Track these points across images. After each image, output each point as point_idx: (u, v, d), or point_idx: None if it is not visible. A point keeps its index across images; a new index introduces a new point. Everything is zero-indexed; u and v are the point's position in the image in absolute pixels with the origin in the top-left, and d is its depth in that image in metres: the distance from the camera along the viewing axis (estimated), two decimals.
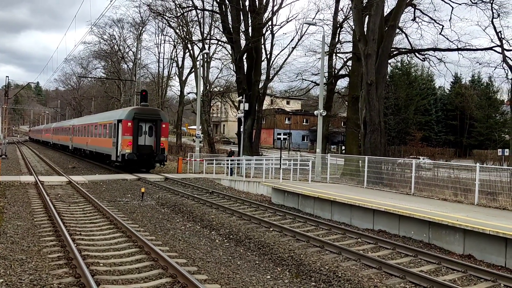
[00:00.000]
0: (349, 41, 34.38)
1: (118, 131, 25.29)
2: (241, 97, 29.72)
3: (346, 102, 36.32)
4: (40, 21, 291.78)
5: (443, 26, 27.21)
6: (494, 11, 24.01)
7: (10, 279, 7.13)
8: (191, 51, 48.31)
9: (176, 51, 55.66)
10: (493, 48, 24.90)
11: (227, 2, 30.94)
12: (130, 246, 9.67)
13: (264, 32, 33.39)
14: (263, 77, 35.30)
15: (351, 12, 27.67)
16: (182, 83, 53.67)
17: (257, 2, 30.85)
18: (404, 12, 25.12)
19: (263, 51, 34.90)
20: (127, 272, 7.92)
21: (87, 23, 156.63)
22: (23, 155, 40.95)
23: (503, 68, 24.27)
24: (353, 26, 25.73)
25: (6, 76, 43.15)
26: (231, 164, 25.38)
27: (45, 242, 9.69)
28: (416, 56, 30.63)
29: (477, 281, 8.13)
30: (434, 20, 27.40)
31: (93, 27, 67.46)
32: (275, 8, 35.65)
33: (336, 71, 36.34)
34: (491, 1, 23.91)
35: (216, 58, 50.04)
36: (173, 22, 43.63)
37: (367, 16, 22.30)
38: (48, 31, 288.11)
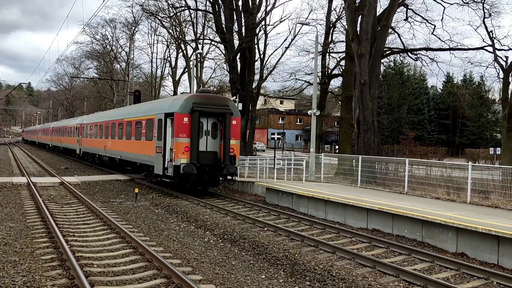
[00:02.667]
0: (342, 41, 34.49)
1: (166, 130, 17.38)
2: (234, 97, 29.69)
3: (340, 102, 36.42)
4: (30, 21, 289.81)
5: (435, 26, 27.38)
6: (485, 11, 24.19)
7: (3, 281, 7.07)
8: (184, 51, 48.22)
9: (169, 51, 55.55)
10: (485, 48, 25.07)
11: (220, 2, 30.88)
12: (124, 247, 9.64)
13: (257, 32, 33.37)
14: (257, 77, 35.29)
15: (344, 12, 27.76)
16: (176, 83, 53.53)
17: (250, 2, 30.83)
18: (396, 12, 25.24)
19: (257, 51, 34.88)
20: (122, 273, 7.89)
21: (79, 23, 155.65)
22: (15, 156, 40.58)
23: (495, 67, 24.43)
24: (346, 26, 25.81)
25: None
26: None
27: (38, 244, 9.62)
28: (409, 56, 30.76)
29: (470, 279, 8.20)
30: (426, 20, 27.57)
31: (86, 27, 67.06)
32: (268, 8, 35.69)
33: (330, 70, 36.42)
34: (483, 1, 24.09)
35: (209, 58, 50.03)
36: (166, 22, 43.49)
37: (360, 16, 22.39)
38: (38, 31, 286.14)
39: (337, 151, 41.62)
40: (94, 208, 13.92)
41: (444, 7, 26.21)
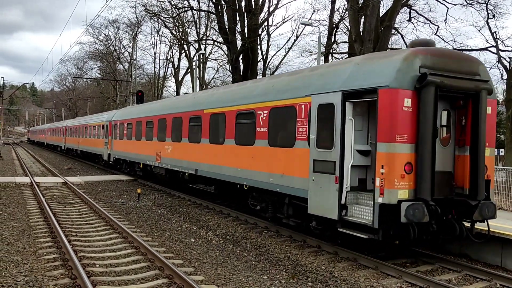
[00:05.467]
0: (345, 42, 34.44)
1: (345, 127, 8.66)
2: None
3: None
4: (32, 22, 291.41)
5: (438, 27, 27.34)
6: (489, 11, 24.17)
7: (6, 281, 7.09)
8: (187, 52, 48.27)
9: (172, 52, 55.61)
10: (488, 49, 25.04)
11: (223, 3, 30.92)
12: (126, 247, 9.64)
13: (260, 33, 33.39)
14: (260, 77, 35.33)
15: (347, 12, 27.73)
16: (178, 84, 53.61)
17: (253, 3, 30.84)
18: (399, 13, 25.21)
19: (259, 51, 34.90)
20: (124, 273, 7.90)
21: (82, 24, 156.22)
22: (19, 156, 40.72)
23: (498, 68, 24.40)
24: (349, 27, 25.80)
25: (1, 77, 43.13)
26: None
27: (40, 244, 9.65)
28: None
29: (473, 281, 8.16)
30: (430, 21, 27.53)
31: (89, 28, 67.32)
32: (271, 8, 35.68)
33: None
34: (486, 2, 24.07)
35: (212, 59, 50.03)
36: (169, 23, 43.53)
37: (363, 17, 22.37)
38: (40, 32, 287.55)
39: None
40: (97, 208, 13.95)
41: (448, 8, 26.19)
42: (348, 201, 8.51)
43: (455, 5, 25.79)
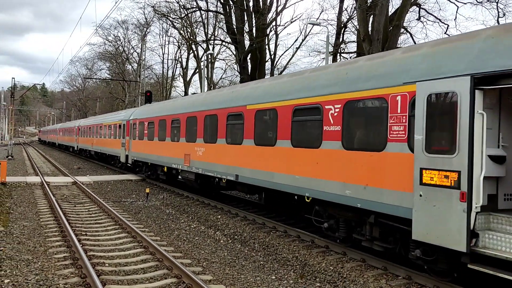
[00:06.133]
0: (354, 41, 34.31)
1: None
2: None
3: None
4: (42, 24, 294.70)
5: (448, 26, 27.17)
6: (499, 10, 23.88)
7: (17, 279, 7.18)
8: (195, 52, 48.44)
9: (180, 52, 55.85)
10: None
11: (231, 3, 30.96)
12: (135, 246, 9.71)
13: (268, 33, 33.40)
14: (268, 77, 35.32)
15: (355, 12, 27.61)
16: (186, 84, 53.81)
17: (261, 3, 30.85)
18: (408, 12, 25.04)
19: (267, 51, 34.91)
20: (133, 273, 7.96)
21: (91, 25, 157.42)
22: (29, 156, 41.16)
23: None
24: (358, 26, 25.67)
25: (12, 78, 43.58)
26: None
27: (51, 243, 9.75)
28: None
29: None
30: (439, 20, 27.32)
31: (98, 29, 67.86)
32: (279, 8, 35.67)
33: None
34: (497, 1, 23.80)
35: (220, 59, 50.18)
36: (177, 23, 43.76)
37: (372, 16, 22.26)
38: (50, 33, 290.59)
39: None
40: (106, 208, 14.06)
41: (458, 7, 25.98)
42: (478, 226, 6.28)
43: (465, 3, 25.58)
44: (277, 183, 10.52)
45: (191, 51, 49.88)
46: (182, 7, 35.05)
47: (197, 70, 49.42)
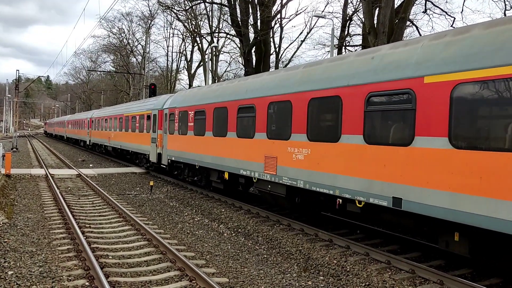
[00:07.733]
0: (359, 34, 34.05)
1: None
2: None
3: None
4: (47, 16, 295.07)
5: (454, 18, 26.79)
6: (506, 3, 23.58)
7: (20, 271, 7.20)
8: (200, 45, 48.31)
9: (184, 45, 55.79)
10: None
11: None
12: (139, 239, 9.72)
13: (273, 25, 33.19)
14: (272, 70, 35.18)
15: (361, 4, 27.37)
16: (191, 77, 53.75)
17: None
18: (415, 4, 24.77)
19: (272, 44, 34.74)
20: (136, 265, 7.97)
21: (95, 17, 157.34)
22: (34, 149, 41.35)
23: None
24: (363, 19, 25.45)
25: (17, 70, 43.63)
26: None
27: (55, 235, 9.78)
28: None
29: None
30: (446, 12, 27.00)
31: (102, 21, 67.66)
32: (284, 1, 35.42)
33: None
34: None
35: (224, 52, 49.99)
36: (182, 16, 43.55)
37: (377, 9, 22.04)
38: (55, 26, 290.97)
39: None
40: (110, 200, 14.09)
41: None
42: None
43: None
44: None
45: (196, 43, 49.77)
46: None
47: (202, 63, 49.32)
